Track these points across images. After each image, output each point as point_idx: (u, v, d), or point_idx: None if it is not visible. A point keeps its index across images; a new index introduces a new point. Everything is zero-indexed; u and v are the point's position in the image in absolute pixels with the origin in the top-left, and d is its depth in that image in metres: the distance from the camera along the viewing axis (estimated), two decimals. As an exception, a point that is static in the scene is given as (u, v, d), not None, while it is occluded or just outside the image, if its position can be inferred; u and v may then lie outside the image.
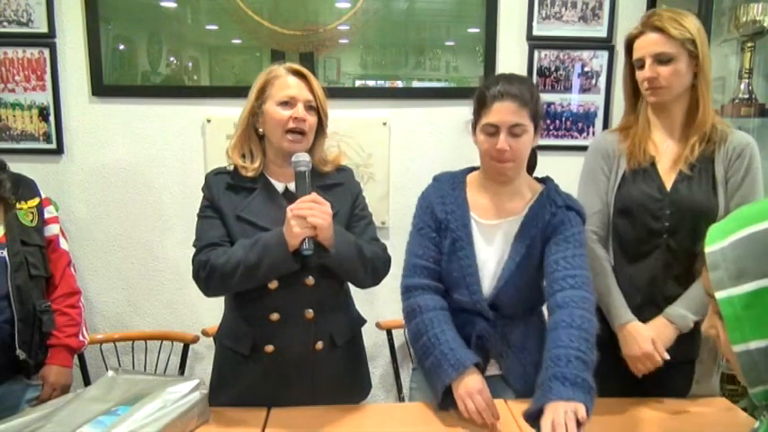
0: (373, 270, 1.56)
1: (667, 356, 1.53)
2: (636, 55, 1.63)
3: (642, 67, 1.61)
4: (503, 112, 1.46)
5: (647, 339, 1.54)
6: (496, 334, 1.56)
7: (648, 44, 1.59)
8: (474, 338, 1.55)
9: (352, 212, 1.62)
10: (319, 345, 1.57)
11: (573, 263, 1.47)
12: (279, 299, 1.53)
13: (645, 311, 1.61)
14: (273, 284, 1.51)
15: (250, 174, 1.56)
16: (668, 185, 1.61)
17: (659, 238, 1.61)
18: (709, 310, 0.88)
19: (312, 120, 1.54)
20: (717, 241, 0.80)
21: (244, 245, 1.47)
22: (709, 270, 0.79)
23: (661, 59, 1.57)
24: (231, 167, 1.60)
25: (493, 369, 1.59)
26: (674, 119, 1.65)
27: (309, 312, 1.54)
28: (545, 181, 1.63)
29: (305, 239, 1.42)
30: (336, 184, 1.62)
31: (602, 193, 1.69)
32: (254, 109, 1.56)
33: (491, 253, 1.56)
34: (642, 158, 1.63)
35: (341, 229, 1.51)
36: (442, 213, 1.57)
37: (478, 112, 1.52)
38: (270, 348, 1.55)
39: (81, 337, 1.88)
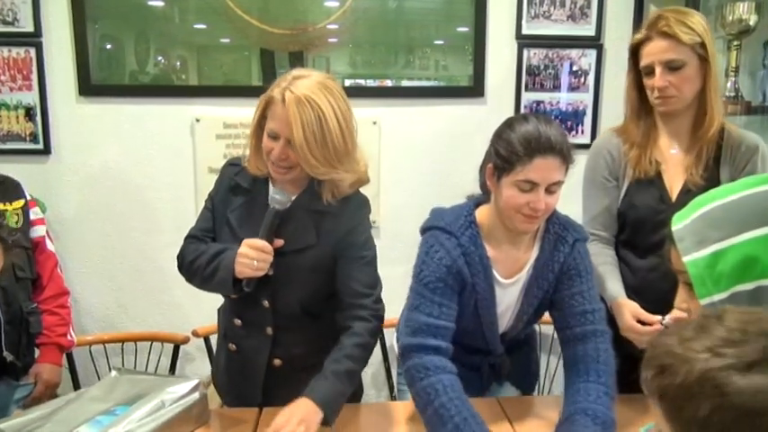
0: (367, 358, 1.46)
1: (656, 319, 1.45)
2: (644, 62, 1.55)
3: (650, 74, 1.54)
4: (548, 169, 1.31)
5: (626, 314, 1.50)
6: (504, 357, 1.59)
7: (657, 51, 1.51)
8: (486, 367, 1.58)
9: (339, 249, 1.46)
10: (277, 362, 1.53)
11: (588, 297, 1.45)
12: (241, 307, 1.52)
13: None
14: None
15: (254, 172, 1.48)
16: (673, 196, 1.58)
17: (660, 249, 1.59)
18: (679, 287, 1.02)
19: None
20: (680, 221, 0.99)
21: (213, 251, 1.44)
22: (676, 242, 0.97)
23: (671, 66, 1.50)
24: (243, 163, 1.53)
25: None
26: (682, 124, 1.60)
27: (268, 329, 1.50)
28: None
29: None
30: (327, 212, 1.45)
31: (607, 195, 1.65)
32: (261, 120, 1.46)
33: (507, 304, 1.51)
34: (648, 169, 1.59)
35: (331, 390, 1.36)
36: (469, 276, 1.41)
37: (510, 162, 1.32)
38: (232, 347, 1.57)
39: (69, 337, 1.89)
